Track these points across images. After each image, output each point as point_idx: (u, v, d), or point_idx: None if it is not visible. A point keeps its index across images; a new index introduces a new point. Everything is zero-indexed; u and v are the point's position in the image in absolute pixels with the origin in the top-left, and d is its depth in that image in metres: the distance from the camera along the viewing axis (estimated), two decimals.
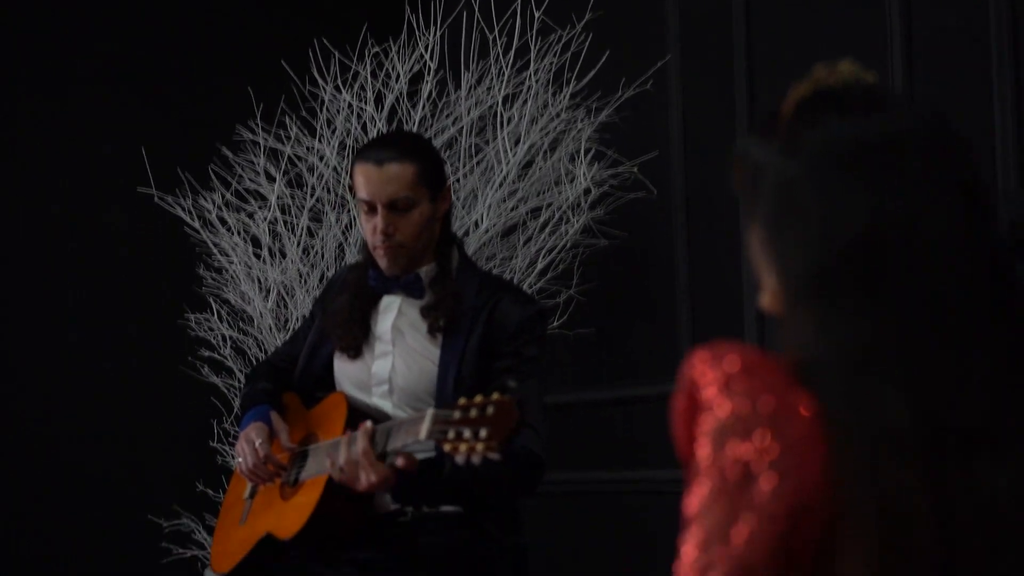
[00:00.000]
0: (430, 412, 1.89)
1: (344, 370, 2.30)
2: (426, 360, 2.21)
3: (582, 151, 3.22)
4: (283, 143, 3.33)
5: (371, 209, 2.20)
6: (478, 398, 1.85)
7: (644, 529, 3.30)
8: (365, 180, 2.19)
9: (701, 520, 1.01)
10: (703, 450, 1.03)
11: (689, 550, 1.01)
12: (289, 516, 2.17)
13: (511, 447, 1.96)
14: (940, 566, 0.96)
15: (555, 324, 3.35)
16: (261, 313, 3.32)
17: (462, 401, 1.86)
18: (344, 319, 2.26)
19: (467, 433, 1.81)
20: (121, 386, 3.92)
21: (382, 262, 2.23)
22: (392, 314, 2.26)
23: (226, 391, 3.52)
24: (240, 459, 2.22)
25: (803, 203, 1.05)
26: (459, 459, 1.82)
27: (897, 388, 0.99)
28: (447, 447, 1.84)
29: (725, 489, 1.00)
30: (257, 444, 2.19)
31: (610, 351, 3.48)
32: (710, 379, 1.04)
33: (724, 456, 1.00)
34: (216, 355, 3.49)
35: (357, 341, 2.25)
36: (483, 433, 1.80)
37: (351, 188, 2.28)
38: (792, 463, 0.98)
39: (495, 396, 1.83)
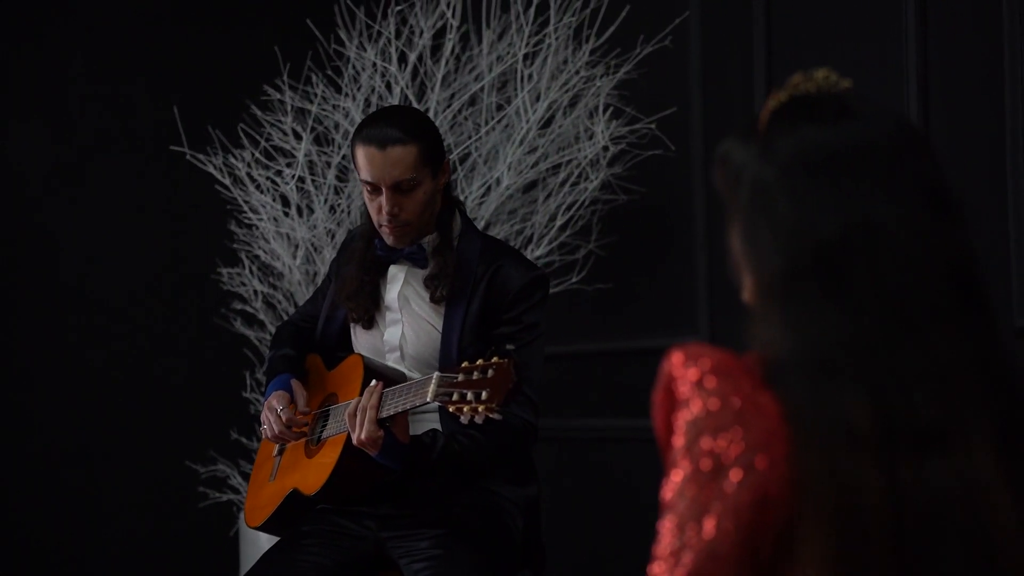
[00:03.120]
0: (436, 376, 1.99)
1: (359, 340, 2.39)
2: (431, 327, 2.28)
3: (601, 108, 3.25)
4: (310, 101, 3.39)
5: (375, 189, 2.24)
6: (479, 361, 1.95)
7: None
8: (368, 162, 2.22)
9: (676, 506, 1.08)
10: (679, 441, 1.10)
11: (665, 534, 1.09)
12: (313, 473, 2.27)
13: (505, 415, 2.07)
14: (892, 555, 1.03)
15: (574, 279, 3.42)
16: (290, 268, 3.40)
17: (464, 364, 1.96)
18: (354, 291, 2.32)
19: (469, 395, 1.92)
20: (158, 338, 4.03)
21: (388, 239, 2.28)
22: (399, 283, 2.32)
23: (257, 343, 3.62)
24: (265, 426, 2.32)
25: (776, 206, 1.10)
26: (463, 419, 1.93)
27: (857, 389, 1.05)
28: (451, 408, 1.94)
29: (697, 479, 1.07)
30: (279, 410, 2.28)
31: (628, 305, 3.53)
32: (685, 377, 1.11)
33: (697, 449, 1.07)
34: (248, 308, 3.58)
35: (369, 312, 2.32)
36: (484, 395, 1.91)
37: (353, 164, 2.31)
38: (757, 458, 1.05)
39: (494, 360, 1.93)
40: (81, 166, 4.00)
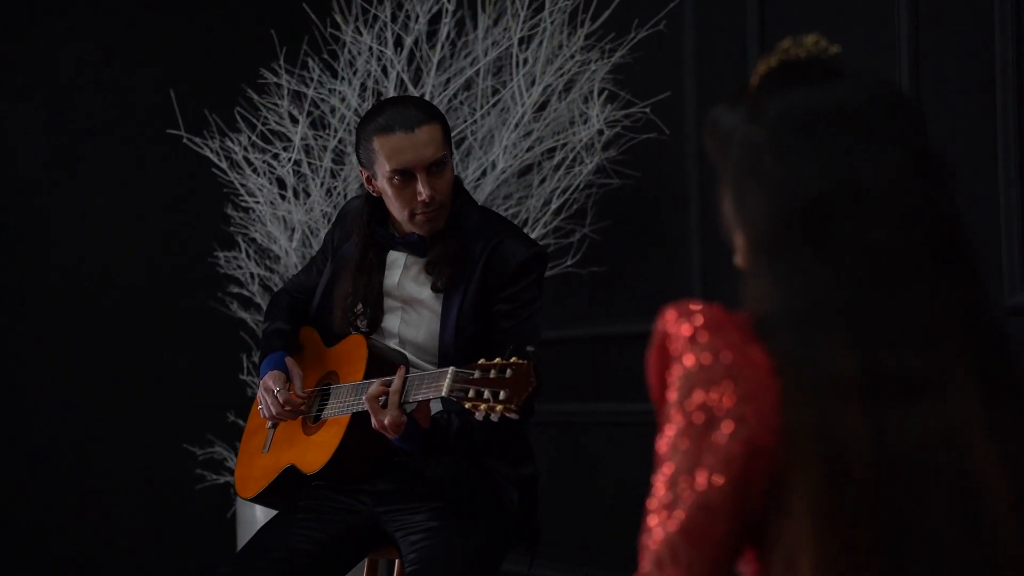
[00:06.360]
0: (451, 371, 1.96)
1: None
2: (431, 313, 2.28)
3: (595, 92, 3.27)
4: (306, 85, 3.41)
5: (407, 178, 2.19)
6: (497, 360, 1.93)
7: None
8: (398, 150, 2.17)
9: (669, 459, 1.11)
10: (672, 396, 1.12)
11: (659, 486, 1.11)
12: (312, 451, 2.27)
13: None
14: (878, 501, 1.05)
15: (569, 262, 3.44)
16: (287, 251, 3.42)
17: (481, 361, 1.95)
18: (352, 306, 2.30)
19: (486, 393, 1.91)
20: (155, 322, 4.06)
21: (421, 228, 2.23)
22: (398, 269, 2.31)
23: (254, 326, 3.64)
24: (262, 407, 2.32)
25: (764, 166, 1.13)
26: (478, 416, 1.92)
27: (843, 340, 1.07)
28: (467, 404, 1.93)
29: (690, 432, 1.09)
30: (276, 391, 2.28)
31: (622, 289, 3.54)
32: (679, 333, 1.13)
33: (690, 402, 1.10)
34: (245, 292, 3.60)
35: (376, 322, 2.31)
36: (502, 395, 1.89)
37: (363, 162, 2.24)
38: (748, 410, 1.07)
39: (513, 360, 1.92)
40: (78, 150, 4.02)
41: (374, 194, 2.29)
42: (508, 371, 1.91)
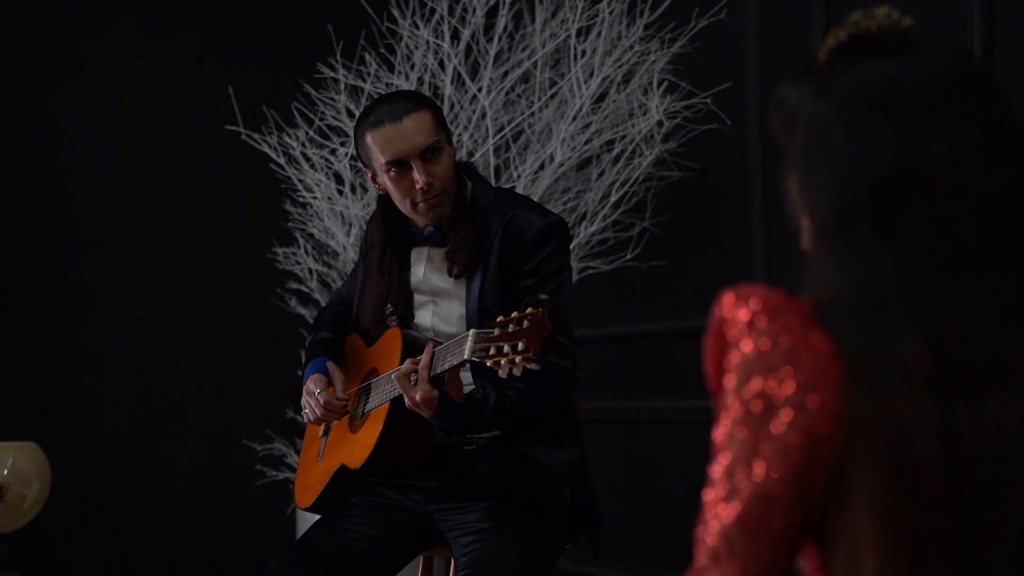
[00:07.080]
0: (472, 332, 1.96)
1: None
2: (458, 300, 2.27)
3: (655, 83, 3.22)
4: (363, 79, 3.40)
5: (402, 168, 2.20)
6: (514, 314, 1.92)
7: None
8: (388, 141, 2.19)
9: (726, 449, 1.06)
10: (729, 383, 1.08)
11: (715, 478, 1.07)
12: (358, 447, 2.27)
13: (545, 365, 2.04)
14: (946, 496, 1.00)
15: (628, 256, 3.39)
16: (344, 247, 3.42)
17: (500, 319, 1.94)
18: (381, 306, 2.30)
19: (506, 347, 1.89)
20: (215, 318, 4.08)
21: (426, 217, 2.24)
22: (422, 264, 2.31)
23: (313, 322, 3.65)
24: (306, 410, 2.33)
25: (831, 144, 1.08)
26: (502, 373, 1.90)
27: (911, 327, 1.02)
28: (490, 363, 1.91)
29: (748, 421, 1.05)
30: (317, 393, 2.28)
31: (683, 284, 3.50)
32: (736, 318, 1.08)
33: (747, 390, 1.05)
34: (303, 287, 3.61)
35: (406, 318, 2.31)
36: (520, 346, 1.88)
37: (363, 161, 2.26)
38: (809, 398, 1.03)
39: (529, 310, 1.90)
40: (137, 147, 4.05)
41: (380, 192, 2.30)
42: (525, 322, 1.90)
